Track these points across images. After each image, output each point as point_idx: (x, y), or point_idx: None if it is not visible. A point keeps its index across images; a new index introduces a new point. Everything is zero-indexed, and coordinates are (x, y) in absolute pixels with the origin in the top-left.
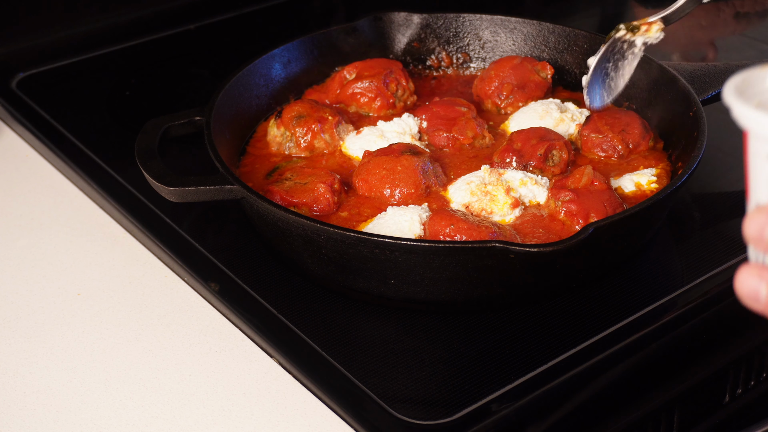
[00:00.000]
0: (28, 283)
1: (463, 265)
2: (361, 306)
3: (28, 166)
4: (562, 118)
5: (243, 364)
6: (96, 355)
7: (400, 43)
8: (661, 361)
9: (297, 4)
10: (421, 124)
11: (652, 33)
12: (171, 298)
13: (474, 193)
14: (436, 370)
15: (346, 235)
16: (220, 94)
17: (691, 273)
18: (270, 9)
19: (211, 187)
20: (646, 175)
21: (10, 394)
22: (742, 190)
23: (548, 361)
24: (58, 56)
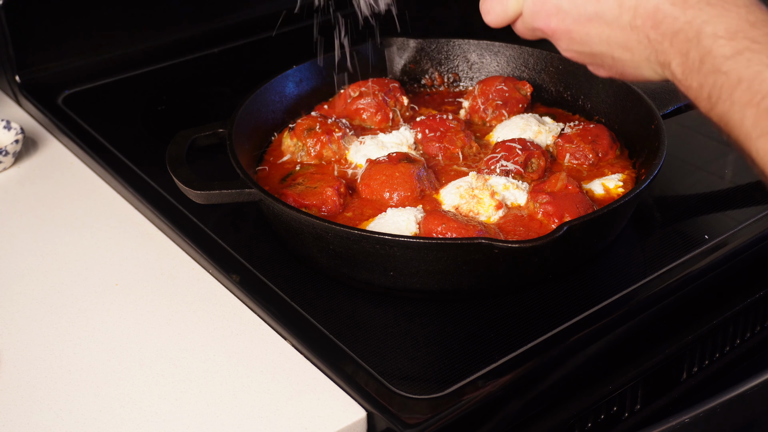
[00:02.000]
0: (72, 274)
1: (453, 259)
2: (364, 295)
3: (72, 173)
4: (540, 131)
5: (260, 345)
6: (132, 338)
7: (398, 64)
8: (627, 342)
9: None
10: (416, 135)
11: None
12: (197, 288)
13: (463, 196)
14: (429, 351)
15: (350, 232)
16: (241, 109)
17: (652, 265)
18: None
19: (232, 191)
20: (614, 180)
21: (57, 372)
22: (698, 193)
23: (528, 343)
24: (98, 76)
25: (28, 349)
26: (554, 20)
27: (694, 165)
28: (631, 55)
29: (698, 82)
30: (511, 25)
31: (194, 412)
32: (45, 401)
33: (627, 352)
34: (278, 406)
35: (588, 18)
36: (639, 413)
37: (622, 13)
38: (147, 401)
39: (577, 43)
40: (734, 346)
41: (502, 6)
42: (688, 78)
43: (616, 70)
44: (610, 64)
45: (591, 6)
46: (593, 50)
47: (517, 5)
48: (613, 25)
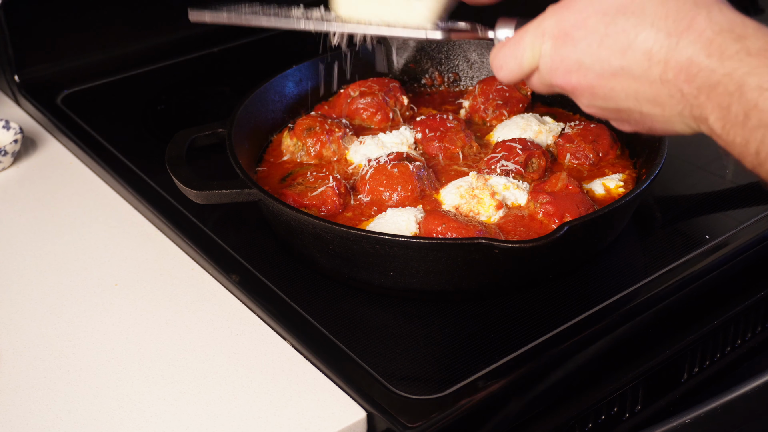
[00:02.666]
0: (72, 274)
1: (453, 259)
2: (364, 295)
3: (71, 173)
4: (540, 130)
5: (260, 345)
6: (131, 338)
7: (398, 64)
8: (628, 343)
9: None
10: (416, 135)
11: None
12: (197, 288)
13: (463, 196)
14: (429, 352)
15: (350, 233)
16: (240, 109)
17: (653, 266)
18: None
19: (232, 191)
20: (614, 180)
21: (56, 372)
22: (699, 193)
23: (528, 343)
24: (97, 76)
25: (27, 349)
26: (575, 76)
27: (695, 165)
28: (662, 110)
29: (743, 137)
30: (526, 80)
31: (194, 413)
32: (44, 401)
33: (627, 352)
34: (278, 407)
35: (613, 73)
36: (639, 414)
37: (651, 66)
38: (146, 402)
39: (601, 99)
40: (735, 346)
41: (517, 61)
42: (729, 133)
43: (644, 125)
44: (637, 119)
45: (616, 60)
46: (619, 106)
47: (532, 61)
48: (641, 79)
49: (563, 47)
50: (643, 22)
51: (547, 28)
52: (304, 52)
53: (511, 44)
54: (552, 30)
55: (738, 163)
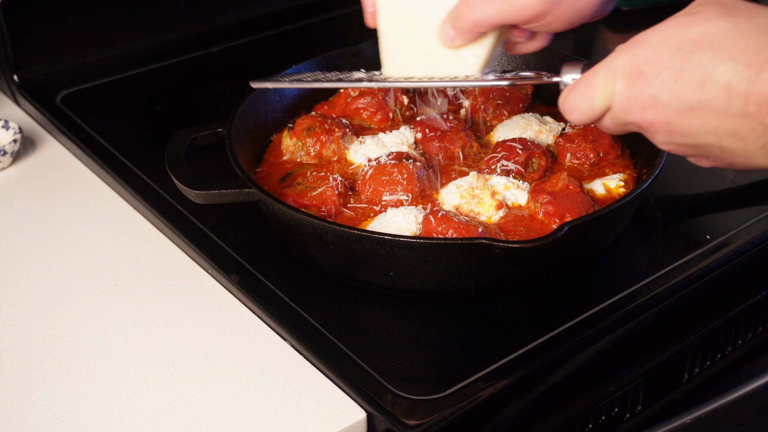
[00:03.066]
0: (71, 274)
1: (453, 259)
2: (364, 295)
3: (71, 172)
4: (540, 130)
5: (260, 346)
6: (130, 338)
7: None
8: (628, 343)
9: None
10: (416, 135)
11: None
12: (196, 288)
13: (463, 196)
14: (429, 352)
15: (350, 232)
16: (240, 109)
17: (654, 266)
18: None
19: (231, 191)
20: (615, 180)
21: (55, 373)
22: (699, 193)
23: (528, 343)
24: (97, 75)
25: (26, 349)
26: (651, 113)
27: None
28: (744, 144)
29: None
30: (597, 122)
31: (193, 413)
32: (43, 402)
33: (628, 352)
34: (278, 407)
35: (690, 108)
36: (640, 414)
37: (731, 99)
38: (146, 402)
39: (679, 135)
40: (736, 347)
41: (589, 103)
42: None
43: (724, 160)
44: (717, 154)
45: (693, 95)
46: (698, 142)
47: (605, 100)
48: (721, 113)
49: (637, 84)
50: (720, 55)
51: (619, 66)
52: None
53: (582, 86)
54: (624, 68)
55: None
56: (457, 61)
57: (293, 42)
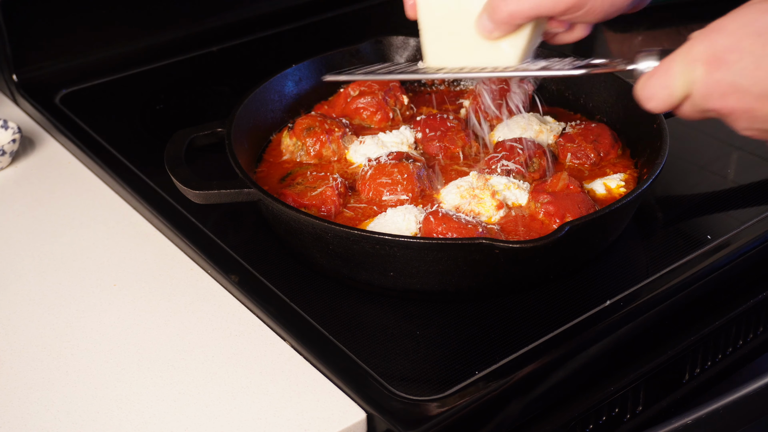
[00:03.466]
0: (70, 274)
1: (453, 260)
2: (364, 295)
3: (70, 172)
4: (541, 130)
5: (259, 346)
6: (130, 339)
7: (398, 63)
8: (629, 344)
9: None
10: (416, 135)
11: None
12: (196, 288)
13: (463, 196)
14: (429, 352)
15: (350, 233)
16: (240, 109)
17: (655, 266)
18: (283, 33)
19: (231, 191)
20: (615, 180)
21: (54, 374)
22: (700, 193)
23: (529, 344)
24: (96, 75)
25: (25, 350)
26: (732, 99)
27: (696, 164)
28: None
29: None
30: (675, 109)
31: (192, 414)
32: (42, 402)
33: (629, 353)
34: (277, 408)
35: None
36: (641, 415)
37: None
38: (145, 402)
39: (761, 121)
40: (737, 347)
41: (668, 91)
42: None
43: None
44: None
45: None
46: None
47: (684, 88)
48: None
49: (717, 71)
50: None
51: (698, 53)
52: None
53: (660, 73)
54: (702, 55)
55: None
56: (495, 52)
57: (293, 42)
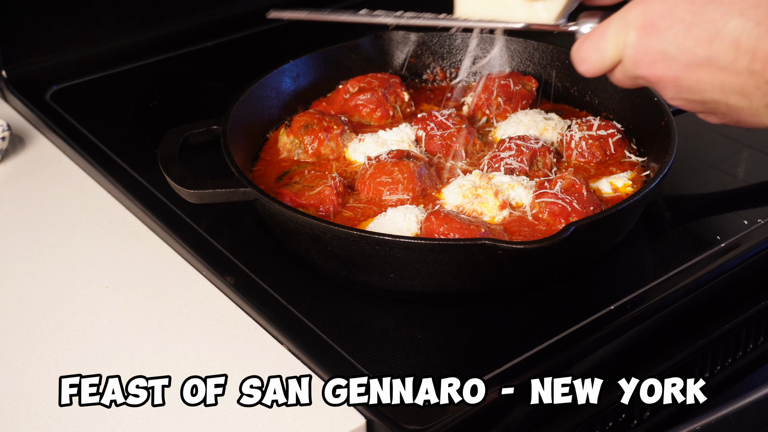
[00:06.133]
0: (61, 276)
1: (455, 261)
2: (363, 298)
3: (61, 171)
4: (546, 127)
5: (256, 350)
6: (122, 342)
7: (398, 59)
8: (636, 347)
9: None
10: (417, 132)
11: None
12: (191, 291)
13: (466, 195)
14: (430, 356)
15: (349, 233)
16: (235, 106)
17: (662, 267)
18: (280, 28)
19: (226, 190)
20: (622, 179)
21: (45, 378)
22: (709, 192)
23: (533, 347)
24: (88, 71)
25: (14, 353)
26: (660, 67)
27: (705, 163)
28: (749, 102)
29: None
30: (608, 74)
31: (187, 419)
32: (32, 408)
33: (636, 356)
34: (275, 413)
35: (699, 63)
36: (648, 420)
37: (738, 56)
38: (138, 408)
39: (686, 90)
40: (747, 351)
41: (600, 54)
42: None
43: (730, 117)
44: (724, 111)
45: (702, 50)
46: (705, 98)
47: (616, 52)
48: (727, 70)
49: (648, 38)
50: (732, 10)
51: (632, 18)
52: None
53: (594, 36)
54: (637, 20)
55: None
56: (530, 12)
57: (290, 37)
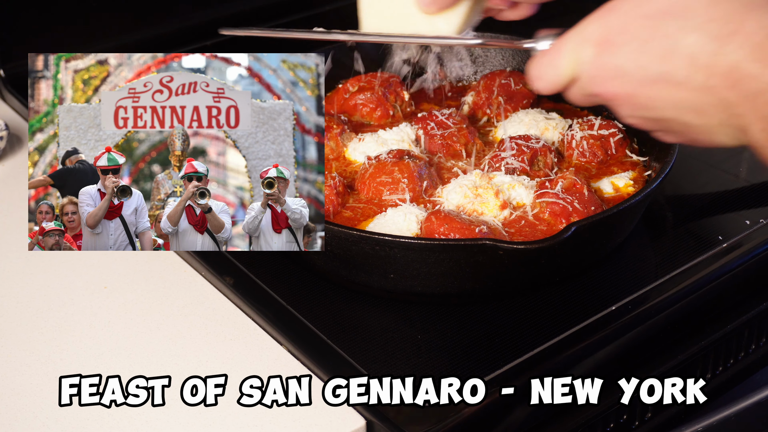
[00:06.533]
0: (59, 277)
1: (456, 261)
2: (363, 298)
3: None
4: (547, 127)
5: (255, 351)
6: (121, 343)
7: (398, 58)
8: (637, 348)
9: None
10: (417, 132)
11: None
12: (189, 291)
13: (466, 195)
14: (431, 357)
15: (349, 233)
16: None
17: (664, 267)
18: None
19: None
20: (624, 179)
21: (43, 379)
22: (711, 192)
23: (534, 348)
24: None
25: (12, 354)
26: (615, 84)
27: (707, 163)
28: (705, 120)
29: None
30: (564, 91)
31: (186, 421)
32: (30, 409)
33: (637, 357)
34: (274, 415)
35: (653, 79)
36: (649, 422)
37: (693, 72)
38: (137, 409)
39: (642, 108)
40: (749, 352)
41: (556, 71)
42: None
43: (685, 136)
44: (679, 129)
45: (656, 66)
46: (659, 115)
47: (572, 69)
48: (683, 86)
49: (604, 54)
50: (687, 25)
51: (589, 34)
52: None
53: (551, 53)
54: (594, 35)
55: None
56: (432, 26)
57: None
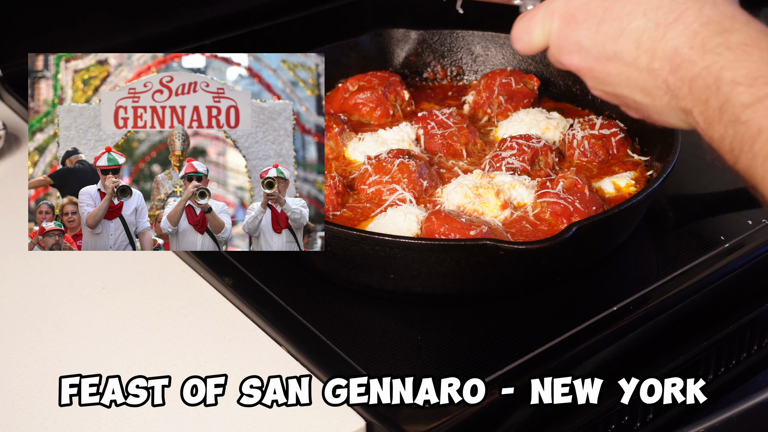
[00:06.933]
0: (57, 277)
1: (456, 261)
2: (363, 299)
3: None
4: (548, 126)
5: (254, 351)
6: (119, 344)
7: (398, 57)
8: (639, 348)
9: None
10: (418, 131)
11: None
12: (188, 292)
13: (467, 195)
14: (431, 358)
15: (349, 233)
16: None
17: (666, 268)
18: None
19: None
20: (625, 179)
21: (41, 379)
22: (713, 192)
23: (535, 349)
24: None
25: (10, 355)
26: (576, 57)
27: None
28: (652, 100)
29: (719, 132)
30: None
31: (185, 422)
32: (28, 410)
33: (638, 358)
34: (274, 416)
35: (608, 57)
36: (651, 423)
37: (639, 54)
38: (135, 410)
39: (601, 82)
40: (751, 352)
41: (529, 37)
42: (710, 128)
43: (642, 113)
44: (634, 107)
45: (610, 45)
46: (616, 91)
47: (542, 37)
48: (631, 66)
49: (567, 28)
50: (636, 10)
51: (557, 8)
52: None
53: (526, 19)
54: (560, 10)
55: None
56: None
57: (289, 34)
